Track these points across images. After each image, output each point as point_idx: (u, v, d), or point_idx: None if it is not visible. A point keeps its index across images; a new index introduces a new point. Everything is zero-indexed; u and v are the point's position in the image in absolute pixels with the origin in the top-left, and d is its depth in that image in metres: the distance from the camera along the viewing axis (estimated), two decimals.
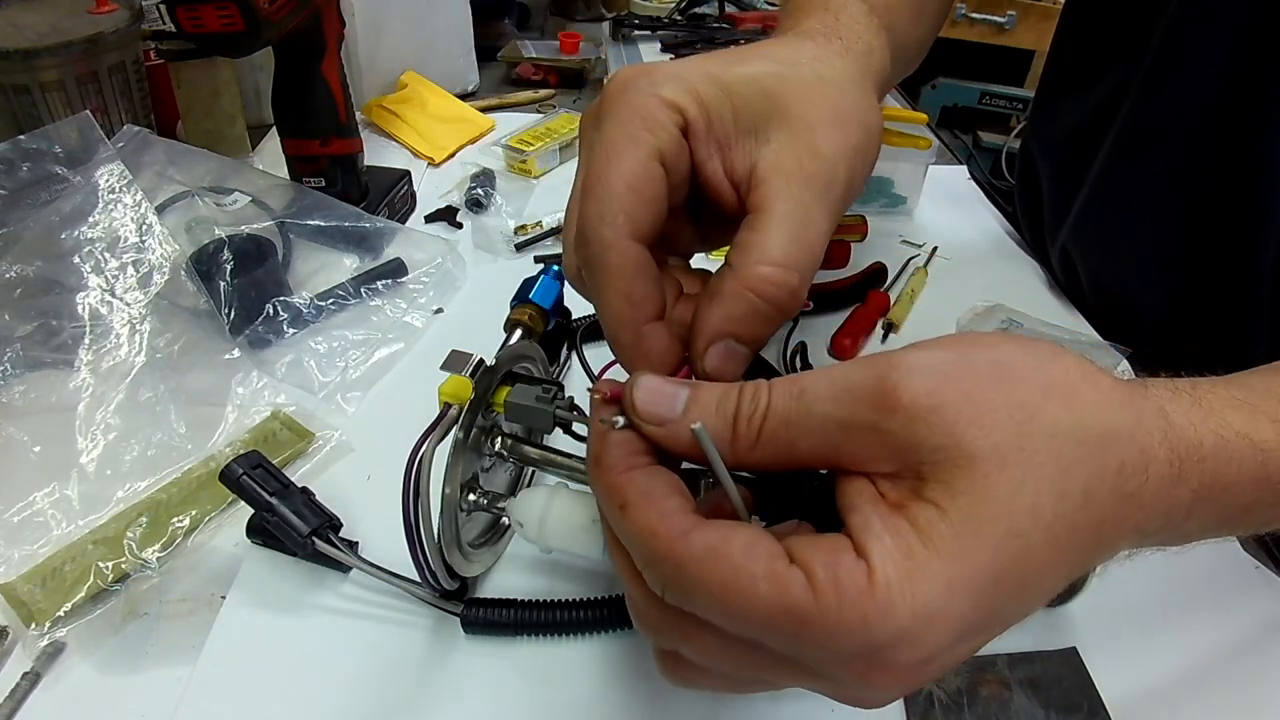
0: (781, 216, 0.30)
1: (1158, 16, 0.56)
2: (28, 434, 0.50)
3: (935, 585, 0.22)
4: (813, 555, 0.22)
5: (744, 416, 0.25)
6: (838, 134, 0.33)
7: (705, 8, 1.07)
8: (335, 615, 0.43)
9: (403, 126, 0.90)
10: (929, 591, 0.22)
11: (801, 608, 0.22)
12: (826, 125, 0.32)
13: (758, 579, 0.22)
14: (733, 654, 0.25)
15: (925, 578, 0.22)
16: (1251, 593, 0.46)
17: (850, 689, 0.24)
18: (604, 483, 0.26)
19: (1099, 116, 0.63)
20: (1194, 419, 0.26)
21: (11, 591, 0.42)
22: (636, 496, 0.25)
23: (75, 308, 0.55)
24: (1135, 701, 0.40)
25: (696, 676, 0.27)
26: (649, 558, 0.24)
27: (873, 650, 0.22)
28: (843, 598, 0.21)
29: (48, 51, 0.65)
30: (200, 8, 0.54)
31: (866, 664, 0.22)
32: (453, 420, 0.38)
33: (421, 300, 0.65)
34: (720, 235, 0.35)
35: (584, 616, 0.41)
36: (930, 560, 0.22)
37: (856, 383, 0.24)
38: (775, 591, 0.22)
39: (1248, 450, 0.27)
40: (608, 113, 0.32)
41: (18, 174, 0.58)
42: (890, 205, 0.81)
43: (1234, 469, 0.27)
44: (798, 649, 0.23)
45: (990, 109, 1.95)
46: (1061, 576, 0.25)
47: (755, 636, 0.23)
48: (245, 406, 0.54)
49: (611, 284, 0.30)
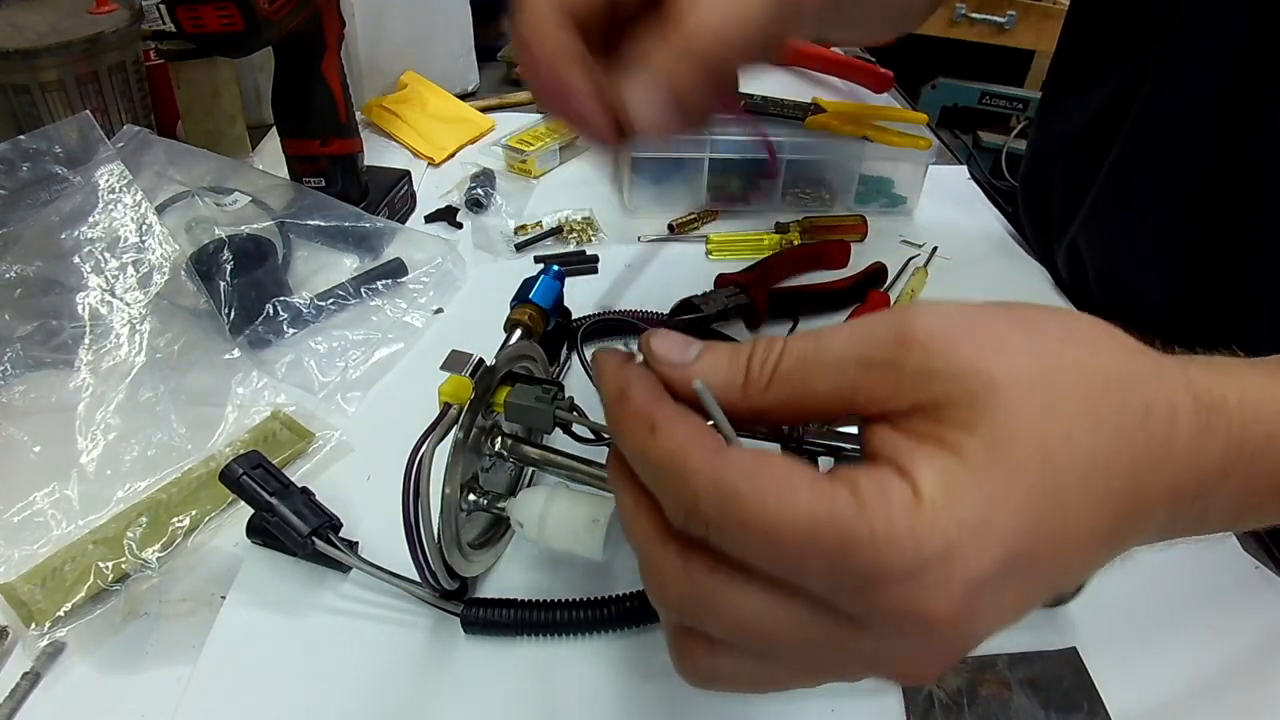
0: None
1: (1162, 17, 0.56)
2: (28, 434, 0.50)
3: (977, 499, 0.21)
4: (854, 474, 0.22)
5: (758, 360, 0.25)
6: None
7: None
8: (335, 615, 0.43)
9: (403, 126, 0.90)
10: (972, 504, 0.21)
11: (847, 521, 0.21)
12: None
13: (800, 489, 0.21)
14: (766, 618, 0.23)
15: (966, 491, 0.21)
16: (1251, 593, 0.46)
17: (900, 643, 0.22)
18: (631, 409, 0.24)
19: (1110, 113, 0.63)
20: (1214, 378, 0.26)
21: (11, 591, 0.42)
22: (668, 417, 0.24)
23: (75, 308, 0.55)
24: (1135, 701, 0.40)
25: (721, 665, 0.25)
26: (682, 476, 0.23)
27: (922, 567, 0.21)
28: (889, 509, 0.21)
29: (48, 51, 0.65)
30: (200, 8, 0.54)
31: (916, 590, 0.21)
32: (453, 420, 0.38)
33: (421, 300, 0.65)
34: None
35: (584, 616, 0.41)
36: (968, 476, 0.21)
37: (873, 325, 0.24)
38: (820, 502, 0.21)
39: (1273, 407, 0.26)
40: None
41: (18, 174, 0.58)
42: (890, 205, 0.81)
43: (1262, 428, 0.26)
44: (842, 580, 0.21)
45: (990, 109, 1.95)
46: (1100, 535, 0.23)
47: (795, 566, 0.22)
48: (245, 406, 0.54)
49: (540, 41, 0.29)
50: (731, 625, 0.24)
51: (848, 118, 0.76)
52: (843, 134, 0.75)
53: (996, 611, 0.23)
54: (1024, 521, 0.22)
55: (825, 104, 0.77)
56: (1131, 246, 0.63)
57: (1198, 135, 0.56)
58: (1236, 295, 0.58)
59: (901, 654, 0.23)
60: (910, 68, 0.82)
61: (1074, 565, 0.24)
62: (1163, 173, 0.59)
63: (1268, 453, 0.26)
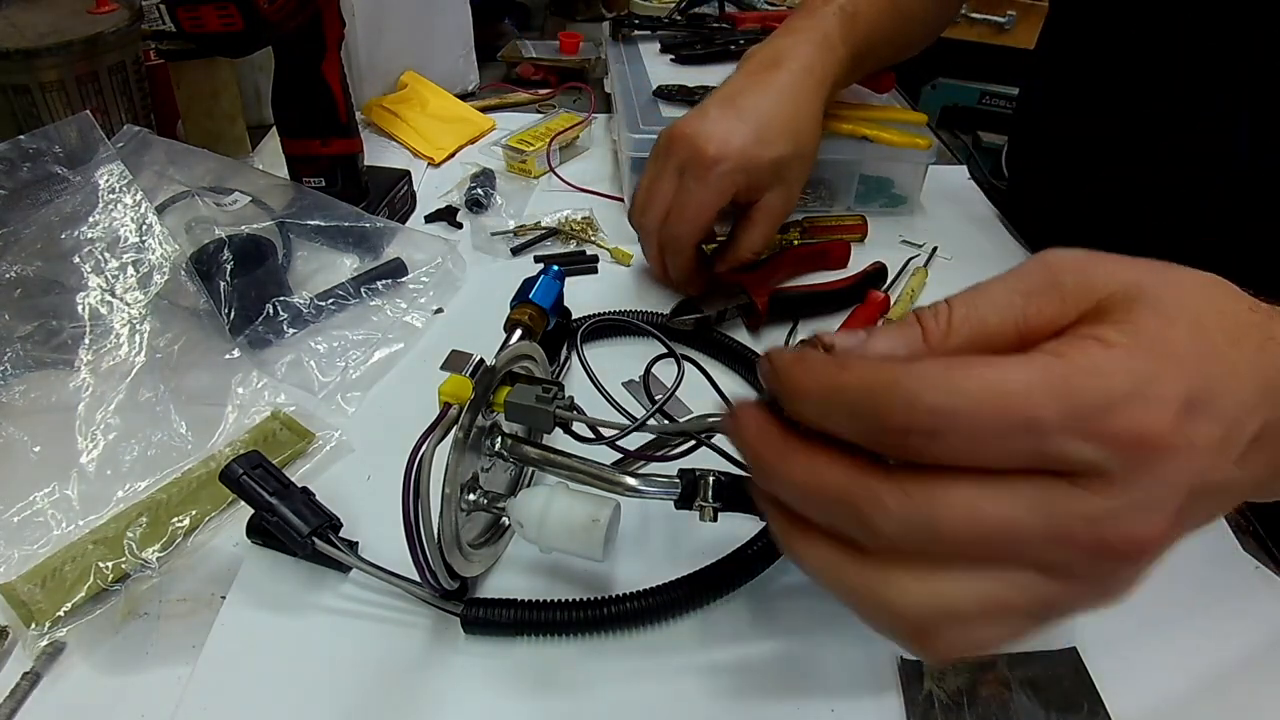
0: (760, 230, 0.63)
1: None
2: (28, 434, 0.50)
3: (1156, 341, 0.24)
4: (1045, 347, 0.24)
5: (928, 319, 0.26)
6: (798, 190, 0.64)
7: (705, 8, 1.07)
8: (335, 615, 0.43)
9: (403, 126, 0.90)
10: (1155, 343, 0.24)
11: (1060, 367, 0.23)
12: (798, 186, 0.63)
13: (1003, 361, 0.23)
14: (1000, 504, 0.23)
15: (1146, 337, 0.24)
16: (1251, 593, 0.46)
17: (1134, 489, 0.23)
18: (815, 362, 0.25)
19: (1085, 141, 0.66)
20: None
21: (11, 591, 0.42)
22: (853, 356, 0.25)
23: (75, 308, 0.55)
24: (1135, 701, 0.40)
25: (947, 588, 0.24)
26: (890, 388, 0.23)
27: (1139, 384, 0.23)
28: (1091, 351, 0.23)
29: (48, 51, 0.65)
30: (200, 8, 0.54)
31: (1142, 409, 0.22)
32: (453, 420, 0.38)
33: (421, 300, 0.65)
34: None
35: (584, 616, 0.41)
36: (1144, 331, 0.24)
37: (1021, 268, 0.27)
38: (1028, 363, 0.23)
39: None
40: (699, 171, 0.58)
41: (18, 174, 0.58)
42: (890, 205, 0.81)
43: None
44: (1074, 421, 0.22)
45: (990, 109, 1.95)
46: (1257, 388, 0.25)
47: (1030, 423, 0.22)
48: (245, 406, 0.54)
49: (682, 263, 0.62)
50: (963, 525, 0.23)
51: (848, 118, 0.76)
52: (843, 134, 0.75)
53: (1205, 449, 0.24)
54: (1199, 357, 0.24)
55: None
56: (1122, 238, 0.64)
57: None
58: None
59: (1135, 505, 0.23)
60: (910, 68, 0.82)
61: (1246, 419, 0.25)
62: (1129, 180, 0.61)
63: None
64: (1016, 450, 0.23)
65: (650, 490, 0.39)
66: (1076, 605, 0.26)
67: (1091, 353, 0.23)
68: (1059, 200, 0.74)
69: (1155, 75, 0.63)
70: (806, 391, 0.25)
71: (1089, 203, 0.70)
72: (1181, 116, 0.62)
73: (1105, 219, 0.67)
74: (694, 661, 0.42)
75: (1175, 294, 0.25)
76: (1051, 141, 0.78)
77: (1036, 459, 0.23)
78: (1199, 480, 0.24)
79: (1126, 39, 0.65)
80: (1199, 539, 0.49)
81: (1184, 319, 0.25)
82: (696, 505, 0.38)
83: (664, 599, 0.42)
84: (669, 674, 0.41)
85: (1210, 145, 0.60)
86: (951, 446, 0.23)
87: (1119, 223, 0.65)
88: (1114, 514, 0.23)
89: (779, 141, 0.59)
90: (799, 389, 0.25)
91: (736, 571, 0.44)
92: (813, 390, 0.25)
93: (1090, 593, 0.25)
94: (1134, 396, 0.23)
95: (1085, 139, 0.71)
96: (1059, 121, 0.75)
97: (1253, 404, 0.25)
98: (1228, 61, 0.58)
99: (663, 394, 0.41)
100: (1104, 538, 0.23)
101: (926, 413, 0.23)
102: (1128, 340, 0.24)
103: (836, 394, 0.24)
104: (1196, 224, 0.60)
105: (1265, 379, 0.26)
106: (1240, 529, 0.50)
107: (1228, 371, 0.25)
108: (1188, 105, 0.61)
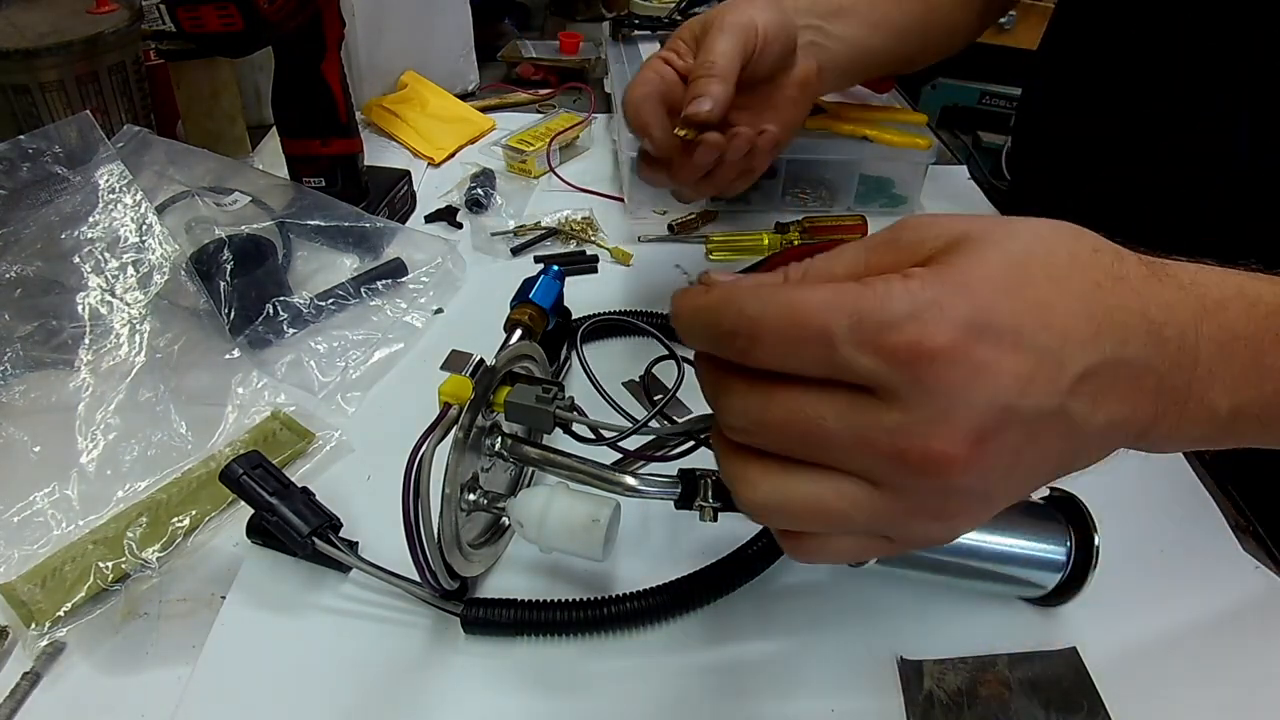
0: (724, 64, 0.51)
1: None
2: (28, 434, 0.50)
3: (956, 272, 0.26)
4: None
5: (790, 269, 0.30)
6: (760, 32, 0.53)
7: (705, 8, 1.07)
8: (335, 615, 0.43)
9: (403, 126, 0.90)
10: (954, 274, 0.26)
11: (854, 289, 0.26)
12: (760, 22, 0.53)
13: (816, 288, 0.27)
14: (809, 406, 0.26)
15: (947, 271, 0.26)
16: (1251, 593, 0.46)
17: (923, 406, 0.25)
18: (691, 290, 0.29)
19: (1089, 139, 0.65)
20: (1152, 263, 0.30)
21: (11, 591, 0.42)
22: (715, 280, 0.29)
23: (75, 308, 0.55)
24: (1135, 701, 0.40)
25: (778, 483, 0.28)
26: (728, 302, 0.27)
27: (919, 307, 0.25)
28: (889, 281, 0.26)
29: (48, 51, 0.65)
30: (200, 8, 0.54)
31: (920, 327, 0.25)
32: (453, 420, 0.38)
33: (421, 300, 0.65)
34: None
35: (584, 616, 0.41)
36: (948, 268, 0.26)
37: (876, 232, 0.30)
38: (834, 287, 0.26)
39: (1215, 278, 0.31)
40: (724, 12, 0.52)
41: (18, 174, 0.58)
42: (890, 205, 0.81)
43: (1212, 292, 0.30)
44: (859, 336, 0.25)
45: (990, 109, 1.95)
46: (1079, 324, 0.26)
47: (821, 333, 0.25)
48: (245, 406, 0.54)
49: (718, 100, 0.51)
50: (782, 422, 0.27)
51: (848, 118, 0.76)
52: (843, 134, 0.75)
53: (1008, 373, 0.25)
54: (1001, 290, 0.26)
55: (825, 104, 0.77)
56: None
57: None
58: None
59: (924, 419, 0.25)
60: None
61: (1065, 351, 0.26)
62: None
63: (1229, 311, 0.30)
64: (814, 358, 0.26)
65: (650, 490, 0.39)
66: (906, 524, 0.28)
67: (889, 281, 0.26)
68: (1059, 200, 0.74)
69: (1155, 75, 0.63)
70: (680, 311, 0.29)
71: (1089, 203, 0.69)
72: (1181, 116, 0.62)
73: (1105, 219, 0.67)
74: (694, 661, 0.42)
75: (999, 238, 0.27)
76: (1052, 141, 0.78)
77: (833, 369, 0.26)
78: (1003, 404, 0.25)
79: (1128, 39, 0.65)
80: (1199, 539, 0.49)
81: (997, 259, 0.26)
82: (696, 505, 0.38)
83: (664, 599, 0.42)
84: (669, 674, 0.41)
85: (1210, 145, 0.60)
86: (767, 350, 0.26)
87: (1119, 223, 0.65)
88: (905, 427, 0.25)
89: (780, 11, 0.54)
90: (676, 310, 0.29)
91: (736, 571, 0.44)
92: (683, 310, 0.29)
93: (913, 510, 0.27)
94: (913, 315, 0.25)
95: (1086, 139, 0.71)
96: (1060, 121, 0.75)
97: (1080, 339, 0.26)
98: (1228, 61, 0.58)
99: (663, 394, 0.41)
100: (899, 448, 0.26)
101: (747, 319, 0.26)
102: (926, 274, 0.26)
103: (697, 312, 0.28)
104: (1196, 224, 0.60)
105: (1099, 316, 0.27)
106: (1240, 529, 0.50)
107: (1038, 304, 0.26)
108: (1188, 105, 0.61)
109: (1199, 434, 0.31)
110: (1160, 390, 0.28)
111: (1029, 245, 0.27)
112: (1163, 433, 0.30)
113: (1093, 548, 0.41)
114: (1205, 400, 0.30)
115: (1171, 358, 0.28)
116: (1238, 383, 0.30)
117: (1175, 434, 0.30)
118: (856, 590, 0.45)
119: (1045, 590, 0.42)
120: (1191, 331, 0.29)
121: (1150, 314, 0.28)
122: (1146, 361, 0.28)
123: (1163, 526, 0.49)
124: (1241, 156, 0.59)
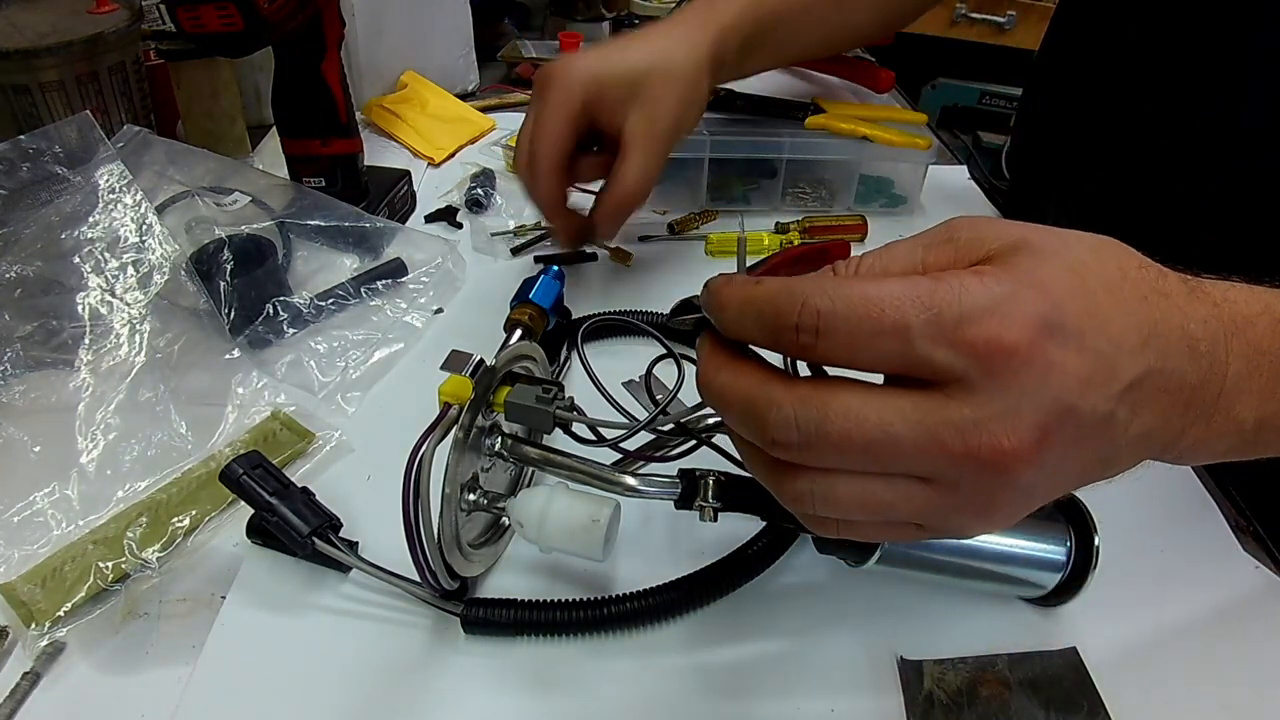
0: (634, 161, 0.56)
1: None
2: (28, 434, 0.50)
3: (1026, 272, 0.26)
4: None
5: (839, 265, 0.29)
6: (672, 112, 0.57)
7: None
8: (335, 615, 0.43)
9: (403, 126, 0.90)
10: (1024, 274, 0.26)
11: (927, 284, 0.26)
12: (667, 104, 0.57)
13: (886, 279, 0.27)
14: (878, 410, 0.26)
15: (1017, 271, 0.26)
16: (1251, 593, 0.46)
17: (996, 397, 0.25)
18: (736, 279, 0.29)
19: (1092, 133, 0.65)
20: (1188, 280, 0.31)
21: (11, 591, 0.42)
22: (765, 277, 0.28)
23: (75, 308, 0.55)
24: (1135, 701, 0.40)
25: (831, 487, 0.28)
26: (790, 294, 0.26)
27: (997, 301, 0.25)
28: (961, 276, 0.26)
29: (48, 51, 0.65)
30: (200, 8, 0.54)
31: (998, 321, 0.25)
32: (453, 420, 0.38)
33: (421, 300, 0.65)
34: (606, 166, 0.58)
35: (584, 616, 0.41)
36: (1017, 268, 0.27)
37: (928, 230, 0.30)
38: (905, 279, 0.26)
39: (1246, 295, 0.31)
40: (544, 91, 0.56)
41: (18, 174, 0.58)
42: (890, 205, 0.81)
43: (1243, 309, 0.31)
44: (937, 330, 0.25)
45: (990, 109, 1.95)
46: (1129, 332, 0.27)
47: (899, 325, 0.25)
48: (245, 406, 0.54)
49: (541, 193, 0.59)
50: (843, 434, 0.26)
51: (848, 118, 0.76)
52: (843, 134, 0.75)
53: (1072, 374, 0.26)
54: (1067, 292, 0.26)
55: (825, 104, 0.77)
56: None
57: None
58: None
59: (996, 414, 0.25)
60: (910, 68, 0.83)
61: (1119, 359, 0.27)
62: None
63: (1258, 327, 0.31)
64: (888, 352, 0.25)
65: (650, 490, 0.39)
66: (946, 516, 0.28)
67: (963, 277, 0.26)
68: (1059, 200, 0.74)
69: (1155, 75, 0.63)
70: (727, 302, 0.28)
71: (1089, 203, 0.70)
72: (1181, 116, 0.62)
73: (1105, 219, 0.67)
74: (694, 661, 0.42)
75: (1057, 246, 0.27)
76: (1052, 141, 0.78)
77: (906, 363, 0.25)
78: (1066, 404, 0.25)
79: (1128, 39, 0.65)
80: (1199, 539, 0.49)
81: (1060, 263, 0.27)
82: (696, 505, 0.38)
83: (664, 599, 0.42)
84: (669, 674, 0.41)
85: (1210, 145, 0.60)
86: (834, 344, 0.26)
87: (1119, 223, 0.65)
88: (977, 422, 0.25)
89: (633, 55, 0.56)
90: (722, 301, 0.28)
91: (736, 571, 0.44)
92: (732, 301, 0.28)
93: (960, 504, 0.27)
94: (991, 310, 0.25)
95: (1086, 139, 0.71)
96: (1060, 121, 0.75)
97: (1130, 348, 0.27)
98: (1228, 61, 0.58)
99: (664, 394, 0.41)
100: (970, 445, 0.25)
101: (813, 312, 0.26)
102: (998, 271, 0.26)
103: (749, 303, 0.27)
104: (1196, 224, 0.60)
105: (1147, 328, 0.27)
106: (1240, 529, 0.50)
107: (1096, 310, 0.26)
108: (1188, 105, 0.61)
109: (1224, 447, 0.32)
110: (1190, 403, 0.29)
111: (1083, 256, 0.28)
112: (1188, 445, 0.30)
113: (1093, 548, 0.41)
114: (1231, 414, 0.30)
115: (1204, 372, 0.29)
116: (1263, 396, 0.31)
117: (1201, 447, 0.31)
118: (856, 590, 0.45)
119: (1045, 590, 0.42)
120: (1222, 348, 0.29)
121: (1189, 329, 0.29)
122: (1183, 375, 0.28)
123: (1163, 526, 0.49)
124: (1241, 156, 0.59)
